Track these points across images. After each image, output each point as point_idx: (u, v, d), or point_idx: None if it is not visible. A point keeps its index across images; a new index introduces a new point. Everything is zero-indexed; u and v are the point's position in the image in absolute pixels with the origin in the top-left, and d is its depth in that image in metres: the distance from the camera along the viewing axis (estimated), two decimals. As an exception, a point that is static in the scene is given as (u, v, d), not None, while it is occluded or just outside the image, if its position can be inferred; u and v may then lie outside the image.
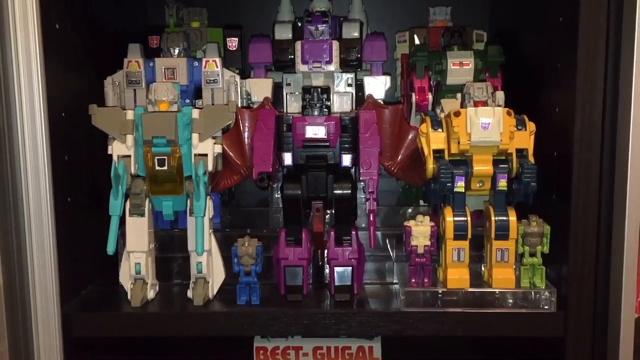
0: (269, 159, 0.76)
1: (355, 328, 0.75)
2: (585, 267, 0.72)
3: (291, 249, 0.79)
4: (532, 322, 0.74)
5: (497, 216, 0.74)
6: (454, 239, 0.74)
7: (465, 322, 0.74)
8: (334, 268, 0.79)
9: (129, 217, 0.77)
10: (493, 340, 1.07)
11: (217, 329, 0.75)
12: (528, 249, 0.74)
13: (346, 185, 0.78)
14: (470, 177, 0.73)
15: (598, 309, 0.73)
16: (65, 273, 0.75)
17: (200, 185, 0.74)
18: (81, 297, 0.81)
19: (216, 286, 0.80)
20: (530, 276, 0.75)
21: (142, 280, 0.78)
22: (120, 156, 0.76)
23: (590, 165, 0.72)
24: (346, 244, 0.79)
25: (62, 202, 0.76)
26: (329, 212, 0.88)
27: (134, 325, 0.75)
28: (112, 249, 0.73)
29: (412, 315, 0.74)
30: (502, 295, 0.74)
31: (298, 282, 0.79)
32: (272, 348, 1.05)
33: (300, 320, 0.75)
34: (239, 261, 0.77)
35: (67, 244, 0.76)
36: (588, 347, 0.74)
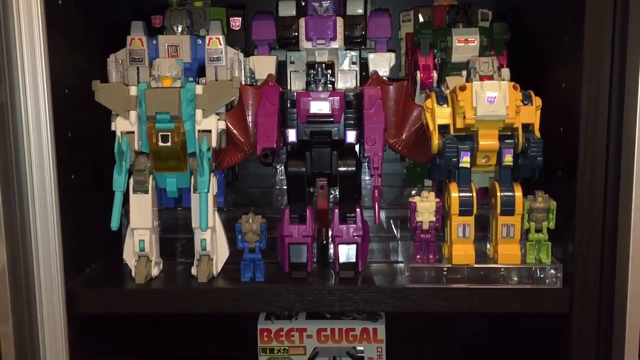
0: (273, 135, 0.75)
1: (359, 304, 0.74)
2: (591, 242, 0.72)
3: (295, 227, 0.79)
4: (538, 298, 0.73)
5: (502, 192, 0.73)
6: (459, 214, 0.73)
7: (470, 299, 0.73)
8: (339, 245, 0.79)
9: (133, 194, 0.77)
10: (498, 317, 1.08)
11: (221, 306, 0.75)
12: (534, 224, 0.74)
13: (350, 162, 0.78)
14: (475, 153, 0.73)
15: (604, 284, 0.72)
16: (69, 250, 0.75)
17: (204, 161, 0.74)
18: (85, 275, 0.81)
19: (220, 264, 0.80)
20: (536, 252, 0.74)
21: (146, 257, 0.78)
22: (123, 132, 0.76)
23: (596, 139, 0.71)
24: (351, 222, 0.79)
25: (65, 179, 0.76)
26: (333, 192, 0.88)
27: (138, 302, 0.75)
28: (116, 225, 0.73)
29: (416, 291, 0.74)
30: (508, 271, 0.74)
31: (302, 259, 0.79)
32: (276, 330, 1.05)
33: (305, 297, 0.75)
34: (243, 238, 0.77)
35: (70, 221, 0.76)
36: (594, 323, 0.73)
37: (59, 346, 0.73)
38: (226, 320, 1.15)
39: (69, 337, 0.74)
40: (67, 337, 0.74)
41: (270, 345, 1.05)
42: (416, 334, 1.15)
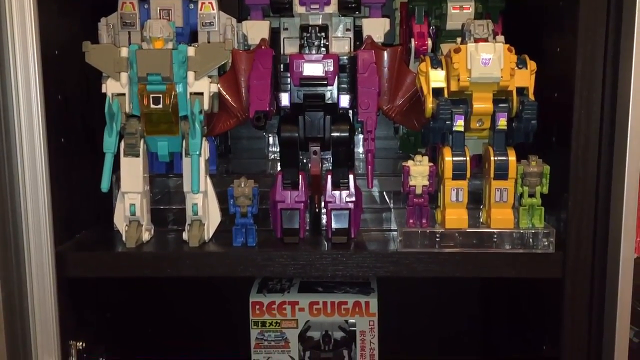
0: (266, 98, 0.74)
1: (352, 269, 0.74)
2: (584, 207, 0.72)
3: (288, 192, 0.78)
4: (531, 263, 0.73)
5: (496, 156, 0.73)
6: (453, 178, 0.73)
7: (463, 263, 0.73)
8: (331, 211, 0.78)
9: (124, 158, 0.76)
10: (491, 283, 1.08)
11: (212, 270, 0.74)
12: (527, 189, 0.73)
13: (344, 127, 0.77)
14: (469, 116, 0.72)
15: (597, 249, 0.72)
16: (59, 213, 0.74)
17: (195, 123, 0.73)
18: (75, 240, 0.80)
19: (212, 229, 0.79)
20: (529, 217, 0.74)
21: (137, 222, 0.77)
22: (114, 94, 0.75)
23: (591, 104, 0.71)
24: (343, 188, 0.79)
25: (55, 142, 0.75)
26: (326, 163, 0.88)
27: (128, 265, 0.75)
28: (106, 186, 0.72)
29: (409, 255, 0.74)
30: (501, 235, 0.74)
31: (294, 225, 0.78)
32: (268, 303, 1.05)
33: (297, 261, 0.74)
34: (235, 202, 0.76)
35: (60, 184, 0.75)
36: (586, 288, 0.73)
37: (49, 309, 0.73)
38: (218, 292, 1.15)
39: (59, 300, 0.73)
40: (56, 300, 0.73)
41: (262, 318, 1.05)
42: (408, 307, 1.15)
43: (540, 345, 0.81)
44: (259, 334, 1.05)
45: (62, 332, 0.74)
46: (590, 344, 0.75)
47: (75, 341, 0.79)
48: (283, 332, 1.05)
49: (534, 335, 0.84)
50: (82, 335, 0.80)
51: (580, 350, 0.75)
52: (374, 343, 1.05)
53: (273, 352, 1.05)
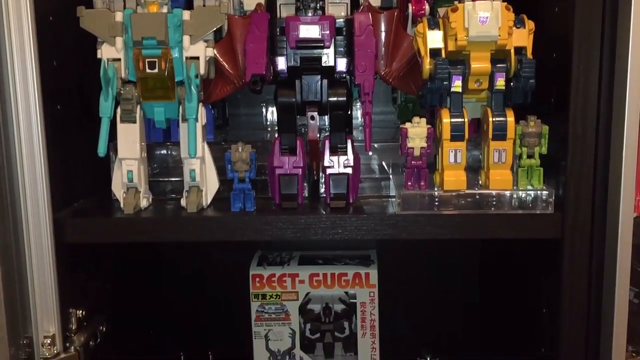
0: (262, 61, 0.74)
1: (350, 232, 0.74)
2: (583, 167, 0.71)
3: (286, 158, 0.78)
4: (530, 224, 0.73)
5: (494, 117, 0.73)
6: (451, 140, 0.73)
7: (462, 225, 0.73)
8: (329, 176, 0.78)
9: (120, 124, 0.76)
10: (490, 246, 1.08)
11: (211, 235, 0.74)
12: (526, 150, 0.73)
13: (341, 91, 0.77)
14: (467, 77, 0.72)
15: (596, 209, 0.72)
16: (56, 180, 0.74)
17: (192, 86, 0.73)
18: (73, 208, 0.80)
19: (210, 195, 0.79)
20: (527, 178, 0.74)
21: (135, 188, 0.77)
22: (109, 59, 0.74)
23: (589, 63, 0.70)
24: (341, 152, 0.78)
25: (51, 109, 0.75)
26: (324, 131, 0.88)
27: (126, 231, 0.74)
28: (103, 151, 0.72)
29: (408, 218, 0.73)
30: (499, 196, 0.73)
31: (293, 190, 0.78)
32: (268, 275, 1.05)
33: (295, 225, 0.74)
34: (232, 167, 0.76)
35: (57, 150, 0.75)
36: (586, 248, 0.73)
37: (48, 276, 0.73)
38: (217, 266, 1.15)
39: (58, 267, 0.73)
40: (55, 267, 0.73)
41: (262, 291, 1.05)
42: (408, 278, 1.15)
43: (540, 308, 0.81)
44: (259, 306, 1.05)
45: (61, 299, 0.74)
46: (590, 306, 0.75)
47: (75, 309, 0.79)
48: (283, 304, 1.05)
49: (533, 299, 0.84)
50: (82, 304, 0.80)
51: (579, 312, 0.75)
52: (374, 314, 1.05)
53: (273, 325, 1.05)
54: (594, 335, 0.75)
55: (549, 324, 0.79)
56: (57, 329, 0.73)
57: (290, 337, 1.06)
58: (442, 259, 1.13)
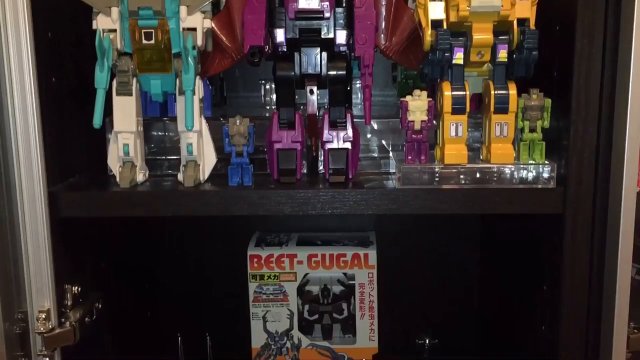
0: (260, 33, 0.73)
1: (350, 207, 0.73)
2: (586, 140, 0.70)
3: (284, 132, 0.77)
4: (531, 199, 0.72)
5: (496, 90, 0.71)
6: (452, 113, 0.71)
7: (462, 200, 0.72)
8: (328, 150, 0.77)
9: (116, 97, 0.75)
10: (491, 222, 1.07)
11: (208, 208, 0.73)
12: (528, 123, 0.72)
13: (341, 65, 0.76)
14: (469, 49, 0.70)
15: (599, 184, 0.71)
16: (51, 154, 0.73)
17: (189, 58, 0.72)
18: (68, 183, 0.79)
19: (207, 170, 0.78)
20: (529, 152, 0.73)
21: (131, 162, 0.76)
22: (105, 30, 0.73)
23: (593, 34, 0.69)
24: (341, 127, 0.77)
25: (46, 81, 0.74)
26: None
27: (122, 204, 0.73)
28: (99, 122, 0.71)
29: (408, 192, 0.72)
30: (501, 170, 0.72)
31: (291, 165, 0.77)
32: (266, 256, 1.04)
33: (294, 199, 0.73)
34: (230, 141, 0.75)
35: (51, 124, 0.74)
36: (588, 224, 0.72)
37: (42, 251, 0.72)
38: (215, 247, 1.14)
39: (53, 241, 0.72)
40: (50, 241, 0.72)
41: (260, 271, 1.04)
42: (407, 260, 1.15)
43: (541, 285, 0.80)
44: (257, 287, 1.04)
45: (56, 275, 0.73)
46: (591, 283, 0.74)
47: (71, 285, 0.78)
48: (281, 285, 1.04)
49: (534, 276, 0.83)
50: (78, 280, 0.79)
51: (581, 289, 0.74)
52: (372, 295, 1.04)
53: (272, 306, 1.05)
54: (596, 313, 0.74)
55: (550, 302, 0.78)
56: (52, 304, 0.72)
57: (288, 318, 1.05)
58: (442, 239, 1.13)
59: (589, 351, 0.74)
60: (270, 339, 1.05)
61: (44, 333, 0.71)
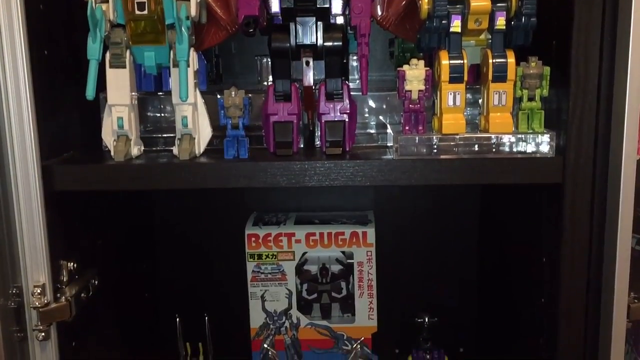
0: (255, 2, 0.72)
1: (347, 179, 0.72)
2: (585, 109, 0.69)
3: (280, 105, 0.76)
4: (530, 168, 0.71)
5: (495, 58, 0.71)
6: (450, 82, 0.71)
7: (461, 170, 0.71)
8: (325, 123, 0.76)
9: (110, 69, 0.74)
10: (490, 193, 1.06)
11: (204, 181, 0.72)
12: (527, 92, 0.71)
13: (337, 35, 0.75)
14: (467, 17, 0.69)
15: (599, 152, 0.70)
16: (44, 128, 0.72)
17: (182, 28, 0.71)
18: (63, 158, 0.78)
19: (203, 144, 0.77)
20: (528, 121, 0.72)
21: (126, 136, 0.75)
22: (97, 1, 0.72)
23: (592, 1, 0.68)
24: (337, 99, 0.76)
25: (38, 55, 0.72)
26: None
27: (117, 177, 0.73)
28: (92, 94, 0.70)
29: (406, 163, 0.71)
30: (500, 140, 0.71)
31: (288, 138, 0.76)
32: (264, 235, 1.03)
33: (290, 171, 0.72)
34: (225, 113, 0.74)
35: (44, 98, 0.73)
36: (587, 193, 0.71)
37: (36, 224, 0.71)
38: (213, 228, 1.14)
39: (47, 216, 0.71)
40: (44, 215, 0.71)
41: (258, 251, 1.04)
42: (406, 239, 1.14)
43: (540, 257, 0.79)
44: (255, 266, 1.04)
45: (51, 249, 0.72)
46: (591, 253, 0.73)
47: (66, 261, 0.77)
48: (279, 264, 1.04)
49: (533, 248, 0.83)
50: (74, 257, 0.79)
51: (580, 260, 0.73)
52: (371, 274, 1.04)
53: (270, 285, 1.04)
54: (595, 283, 0.74)
55: (549, 274, 0.77)
56: (47, 279, 0.72)
57: (286, 297, 1.05)
58: (441, 218, 1.12)
59: (589, 321, 0.74)
60: (268, 319, 1.05)
61: (39, 308, 0.71)
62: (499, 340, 1.03)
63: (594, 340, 0.75)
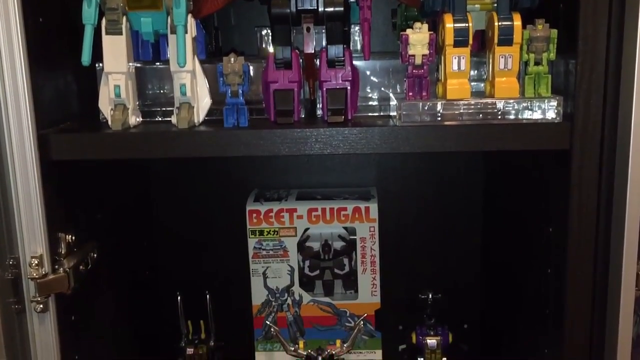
0: (254, -34, 0.70)
1: (349, 146, 0.70)
2: (594, 70, 0.67)
3: (281, 72, 0.75)
4: (537, 134, 0.69)
5: (500, 21, 0.69)
6: (454, 45, 0.69)
7: (466, 136, 0.69)
8: (327, 90, 0.74)
9: (106, 36, 0.72)
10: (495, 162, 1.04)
11: (203, 149, 0.71)
12: (533, 56, 0.69)
13: (338, 0, 0.73)
14: (472, -22, 0.68)
15: (607, 117, 0.69)
16: (40, 96, 0.71)
17: (179, -9, 0.69)
18: (59, 128, 0.76)
19: (202, 113, 0.75)
20: (534, 86, 0.70)
21: (123, 105, 0.74)
22: (92, -35, 0.70)
23: (601, -40, 0.66)
24: (339, 66, 0.75)
25: (33, 22, 0.71)
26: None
27: (114, 146, 0.71)
28: (87, 59, 0.69)
29: (409, 130, 0.70)
30: (505, 105, 0.70)
31: (289, 106, 0.74)
32: (265, 211, 1.02)
33: (291, 139, 0.70)
34: (225, 81, 0.73)
35: (39, 65, 0.71)
36: (595, 159, 0.69)
37: (33, 194, 0.70)
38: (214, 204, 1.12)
39: (43, 185, 0.70)
40: (40, 185, 0.69)
41: (259, 227, 1.02)
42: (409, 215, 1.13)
43: (547, 227, 0.78)
44: (257, 243, 1.03)
45: (48, 221, 0.71)
46: (599, 221, 0.71)
47: (65, 234, 0.76)
48: (281, 240, 1.03)
49: (539, 218, 0.81)
50: (72, 229, 0.77)
51: (587, 229, 0.71)
52: (374, 249, 1.02)
53: (272, 262, 1.03)
54: (603, 252, 0.72)
55: (556, 243, 0.76)
56: (44, 250, 0.70)
57: (289, 274, 1.03)
58: (444, 193, 1.11)
59: (596, 291, 0.72)
60: (270, 296, 1.04)
61: (36, 279, 0.70)
62: (504, 314, 1.02)
63: (602, 310, 0.73)
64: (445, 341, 0.97)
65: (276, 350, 1.04)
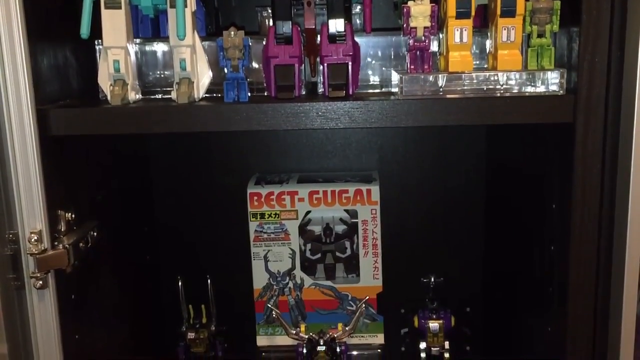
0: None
1: (350, 120, 0.70)
2: (597, 43, 0.67)
3: (281, 47, 0.74)
4: (540, 107, 0.69)
5: (503, -8, 0.68)
6: (457, 17, 0.68)
7: (468, 109, 0.69)
8: (328, 65, 0.74)
9: (105, 10, 0.71)
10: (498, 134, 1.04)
11: (203, 124, 0.70)
12: (536, 28, 0.69)
13: (339, -26, 0.73)
14: (474, -51, 0.67)
15: (611, 89, 0.68)
16: (39, 71, 0.70)
17: (178, -37, 0.69)
18: (59, 105, 0.75)
19: (202, 88, 0.75)
20: (537, 59, 0.69)
21: (122, 80, 0.73)
22: (89, -63, 0.70)
23: None
24: (340, 41, 0.74)
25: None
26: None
27: (114, 121, 0.71)
28: (86, 32, 0.68)
29: (411, 103, 0.69)
30: (508, 77, 0.69)
31: (289, 81, 0.74)
32: (266, 194, 1.01)
33: (291, 113, 0.70)
34: (225, 55, 0.72)
35: (38, 40, 0.70)
36: (599, 133, 0.69)
37: (32, 170, 0.69)
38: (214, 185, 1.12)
39: (42, 161, 0.69)
40: (39, 160, 0.69)
41: (260, 210, 1.02)
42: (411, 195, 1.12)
43: (550, 204, 0.77)
44: (258, 226, 1.02)
45: (48, 197, 0.70)
46: (603, 195, 0.71)
47: (64, 211, 0.75)
48: (282, 223, 1.02)
49: (541, 194, 0.80)
50: (72, 207, 0.77)
51: (591, 203, 0.71)
52: (376, 232, 1.02)
53: (273, 245, 1.02)
54: (607, 229, 0.71)
55: (559, 219, 0.75)
56: (44, 226, 0.70)
57: (290, 257, 1.03)
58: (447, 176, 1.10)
59: (600, 268, 0.72)
60: (272, 279, 1.03)
61: (36, 254, 0.69)
62: (506, 296, 1.01)
63: (606, 287, 0.72)
64: (447, 325, 0.97)
65: (277, 334, 1.03)
